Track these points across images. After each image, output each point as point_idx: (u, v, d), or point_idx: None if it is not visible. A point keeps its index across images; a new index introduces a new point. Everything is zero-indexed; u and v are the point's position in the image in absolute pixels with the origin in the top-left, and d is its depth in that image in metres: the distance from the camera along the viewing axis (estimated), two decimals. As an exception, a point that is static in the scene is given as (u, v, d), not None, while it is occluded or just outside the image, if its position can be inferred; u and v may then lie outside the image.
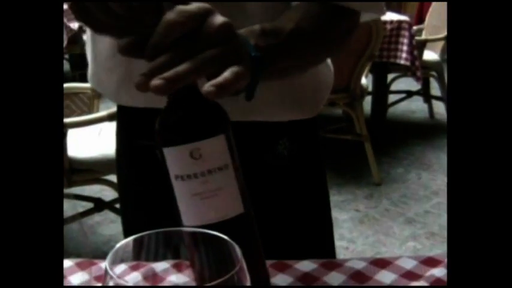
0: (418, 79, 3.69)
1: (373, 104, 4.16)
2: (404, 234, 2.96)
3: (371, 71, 3.84)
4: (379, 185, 3.52)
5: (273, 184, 0.96)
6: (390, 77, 4.32)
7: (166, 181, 0.65)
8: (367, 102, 4.04)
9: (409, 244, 2.86)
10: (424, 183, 3.56)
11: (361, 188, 3.49)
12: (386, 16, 3.67)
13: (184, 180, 0.62)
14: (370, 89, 4.00)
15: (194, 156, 0.62)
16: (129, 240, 0.42)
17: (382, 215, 3.16)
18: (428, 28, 4.51)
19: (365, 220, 3.11)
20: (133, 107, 0.95)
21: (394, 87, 4.58)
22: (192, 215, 0.63)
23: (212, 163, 0.62)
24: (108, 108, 2.26)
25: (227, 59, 0.63)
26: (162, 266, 0.49)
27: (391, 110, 4.59)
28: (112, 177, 2.42)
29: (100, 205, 2.76)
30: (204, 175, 0.62)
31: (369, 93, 3.92)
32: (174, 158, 0.63)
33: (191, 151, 0.62)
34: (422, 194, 3.41)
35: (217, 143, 0.63)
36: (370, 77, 4.00)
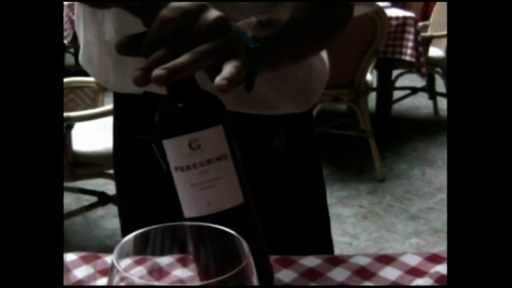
0: (423, 75, 3.69)
1: (377, 100, 4.15)
2: (407, 231, 2.96)
3: (376, 67, 3.84)
4: (383, 181, 3.52)
5: (269, 178, 0.96)
6: (395, 73, 4.32)
7: (165, 174, 0.65)
8: (372, 98, 4.04)
9: (413, 240, 2.86)
10: (427, 180, 3.55)
11: (365, 184, 3.49)
12: (392, 12, 3.67)
13: (183, 171, 0.63)
14: (375, 85, 4.00)
15: (193, 146, 0.62)
16: (135, 234, 0.42)
17: (386, 211, 3.16)
18: (434, 24, 4.50)
19: (368, 216, 3.11)
20: (128, 98, 0.95)
21: (398, 84, 4.57)
22: (192, 206, 0.64)
23: (211, 153, 0.63)
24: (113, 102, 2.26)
25: (223, 52, 0.65)
26: (166, 260, 0.49)
27: (396, 106, 4.59)
28: (116, 171, 2.42)
29: (104, 199, 2.76)
30: (203, 165, 0.63)
31: (373, 89, 3.92)
32: (174, 150, 0.63)
33: (190, 142, 0.62)
34: (426, 190, 3.41)
35: (216, 134, 0.64)
36: (375, 73, 4.00)
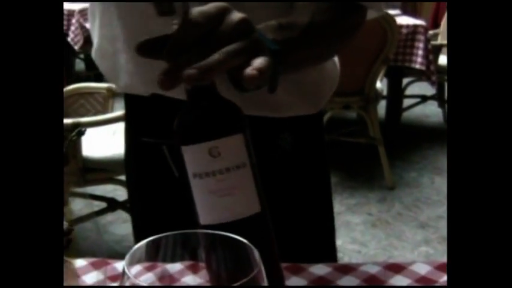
0: (433, 83, 3.68)
1: (387, 108, 4.15)
2: (416, 239, 2.94)
3: (386, 75, 3.83)
4: (392, 188, 3.51)
5: (273, 178, 0.94)
6: (405, 81, 4.31)
7: (177, 179, 0.65)
8: (382, 106, 4.03)
9: (422, 249, 2.85)
10: (437, 188, 3.54)
11: (374, 192, 3.48)
12: (402, 20, 3.66)
13: (202, 178, 0.63)
14: (385, 92, 3.99)
15: (213, 154, 0.62)
16: (147, 241, 0.43)
17: (395, 219, 3.15)
18: (444, 33, 4.49)
19: (377, 224, 3.10)
20: (140, 101, 0.95)
21: (408, 92, 4.56)
22: (208, 213, 0.64)
23: (230, 161, 0.63)
24: (123, 108, 2.27)
25: (250, 51, 0.64)
26: (176, 267, 0.49)
27: (406, 114, 4.58)
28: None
29: (113, 205, 2.77)
30: (222, 173, 0.62)
31: (383, 97, 3.91)
32: (193, 156, 0.63)
33: (210, 149, 0.62)
34: (436, 198, 3.40)
35: (236, 142, 0.63)
36: (385, 80, 3.99)
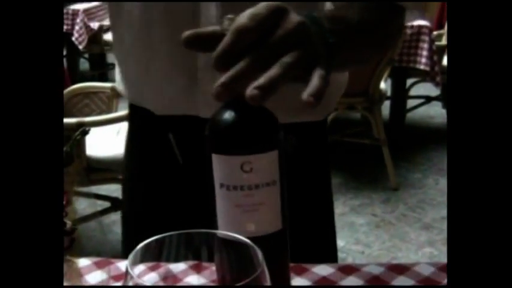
0: (437, 84, 3.67)
1: (391, 109, 4.14)
2: (420, 240, 2.94)
3: (390, 76, 3.83)
4: (396, 189, 3.51)
5: None
6: (409, 81, 4.30)
7: (206, 186, 0.63)
8: (386, 107, 4.03)
9: (426, 250, 2.85)
10: (441, 189, 3.53)
11: (378, 193, 3.47)
12: (406, 21, 3.66)
13: (229, 190, 0.61)
14: (389, 93, 3.99)
15: (245, 169, 0.60)
16: (150, 241, 0.43)
17: (399, 220, 3.15)
18: (449, 33, 4.48)
19: (381, 225, 3.10)
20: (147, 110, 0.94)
21: (413, 92, 4.55)
22: (229, 225, 0.62)
23: (261, 178, 0.61)
24: (127, 108, 2.27)
25: (307, 62, 0.61)
26: (180, 267, 0.49)
27: (410, 115, 4.57)
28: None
29: (117, 204, 2.77)
30: (250, 189, 0.60)
31: (387, 98, 3.91)
32: (223, 167, 0.61)
33: (243, 163, 0.60)
34: (440, 199, 3.39)
35: (270, 159, 0.61)
36: (389, 81, 3.99)
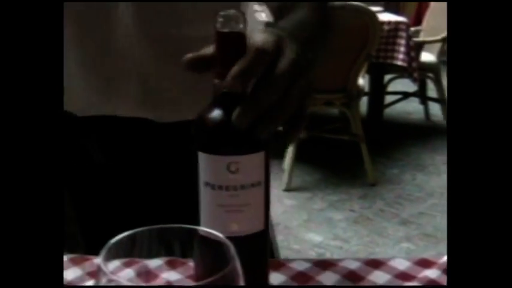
0: (414, 80, 3.70)
1: (369, 105, 4.17)
2: (398, 235, 2.96)
3: (368, 72, 3.85)
4: (374, 185, 3.53)
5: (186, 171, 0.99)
6: (387, 77, 4.33)
7: (191, 181, 0.63)
8: (364, 103, 4.05)
9: (403, 245, 2.87)
10: (418, 185, 3.56)
11: (356, 188, 3.49)
12: (384, 17, 3.68)
13: (214, 189, 0.60)
14: (367, 89, 4.01)
15: (231, 169, 0.59)
16: (122, 236, 0.42)
17: (377, 216, 3.17)
18: (426, 29, 4.52)
19: (359, 220, 3.12)
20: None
21: (390, 88, 4.58)
22: (212, 224, 0.62)
23: (247, 179, 0.60)
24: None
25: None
26: (155, 263, 0.48)
27: (388, 111, 4.60)
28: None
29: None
30: (236, 189, 0.60)
31: (365, 94, 3.93)
32: (209, 166, 0.60)
33: (229, 164, 0.59)
34: (417, 195, 3.42)
35: (257, 160, 0.61)
36: (367, 77, 4.00)
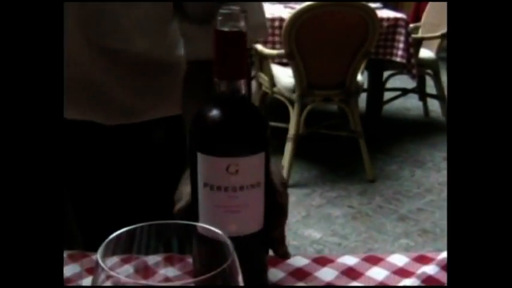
0: (413, 77, 3.70)
1: (368, 101, 4.16)
2: (396, 231, 2.96)
3: (367, 68, 3.84)
4: (373, 181, 3.53)
5: (146, 172, 1.01)
6: (386, 74, 4.33)
7: (191, 180, 0.63)
8: (362, 99, 4.04)
9: (402, 241, 2.87)
10: (417, 181, 3.56)
11: (355, 185, 3.49)
12: (383, 13, 3.67)
13: (213, 190, 0.60)
14: (366, 85, 4.01)
15: (230, 171, 0.59)
16: (121, 232, 0.42)
17: (375, 212, 3.17)
18: (425, 26, 4.51)
19: (358, 216, 3.12)
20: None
21: (389, 85, 4.58)
22: (211, 224, 0.61)
23: (247, 180, 0.60)
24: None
25: None
26: (153, 259, 0.48)
27: (386, 107, 4.60)
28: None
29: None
30: (235, 190, 0.59)
31: (364, 90, 3.93)
32: (208, 167, 0.60)
33: (229, 165, 0.59)
34: (416, 191, 3.42)
35: (257, 161, 0.60)
36: (366, 73, 4.00)
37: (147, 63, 0.93)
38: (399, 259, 0.77)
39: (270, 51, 3.39)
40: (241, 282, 0.39)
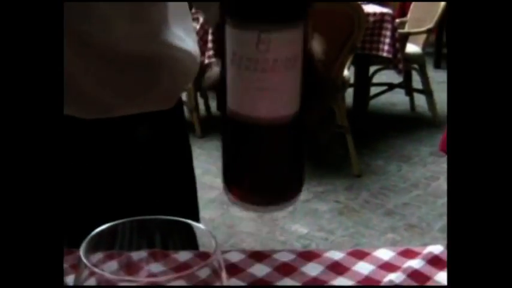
0: (399, 72, 3.71)
1: (354, 96, 4.17)
2: (383, 226, 2.97)
3: (353, 63, 3.85)
4: (359, 176, 3.54)
5: (129, 171, 0.99)
6: (372, 69, 4.34)
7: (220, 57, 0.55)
8: (349, 94, 4.05)
9: (388, 236, 2.88)
10: (403, 176, 3.58)
11: (341, 179, 3.50)
12: (369, 8, 3.68)
13: (243, 67, 0.53)
14: (352, 80, 4.01)
15: (262, 43, 0.51)
16: (103, 228, 0.42)
17: (362, 207, 3.18)
18: (411, 21, 4.53)
19: (344, 211, 3.13)
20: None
21: (376, 80, 4.59)
22: (242, 104, 0.55)
23: (281, 54, 0.52)
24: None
25: None
26: (138, 255, 0.48)
27: (373, 102, 4.61)
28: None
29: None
30: (267, 68, 0.52)
31: (350, 85, 3.93)
32: (237, 40, 0.53)
33: (259, 38, 0.51)
34: (402, 186, 3.43)
35: (293, 34, 0.53)
36: (352, 68, 4.01)
37: (120, 54, 0.89)
38: (385, 253, 0.78)
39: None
40: (224, 277, 0.39)
